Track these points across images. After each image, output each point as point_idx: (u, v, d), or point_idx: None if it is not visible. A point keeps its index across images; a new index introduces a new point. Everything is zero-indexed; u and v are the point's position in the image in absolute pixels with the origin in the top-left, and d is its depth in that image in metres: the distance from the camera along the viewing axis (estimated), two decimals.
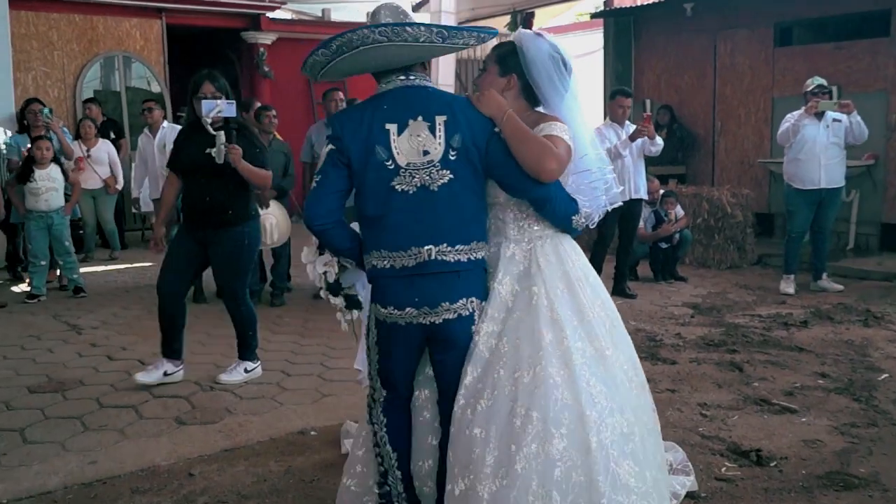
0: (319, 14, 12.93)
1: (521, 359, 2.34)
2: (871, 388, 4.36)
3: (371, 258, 2.43)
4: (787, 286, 6.86)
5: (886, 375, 4.57)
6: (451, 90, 11.55)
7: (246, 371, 4.55)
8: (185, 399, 4.27)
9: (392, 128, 2.36)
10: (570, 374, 2.31)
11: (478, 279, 2.45)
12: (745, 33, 9.06)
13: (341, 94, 6.81)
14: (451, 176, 2.36)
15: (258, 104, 7.45)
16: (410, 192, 2.35)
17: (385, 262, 2.39)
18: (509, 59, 2.55)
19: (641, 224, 7.14)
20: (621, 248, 6.80)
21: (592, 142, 2.67)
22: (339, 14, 12.87)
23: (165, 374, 4.43)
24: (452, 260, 2.37)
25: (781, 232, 8.98)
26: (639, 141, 6.35)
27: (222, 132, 4.15)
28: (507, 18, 12.24)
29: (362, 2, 12.81)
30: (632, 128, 6.41)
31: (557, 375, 2.30)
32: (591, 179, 2.60)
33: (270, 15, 12.11)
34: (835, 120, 6.57)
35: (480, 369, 2.37)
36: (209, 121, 4.15)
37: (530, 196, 2.45)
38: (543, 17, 13.20)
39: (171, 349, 4.48)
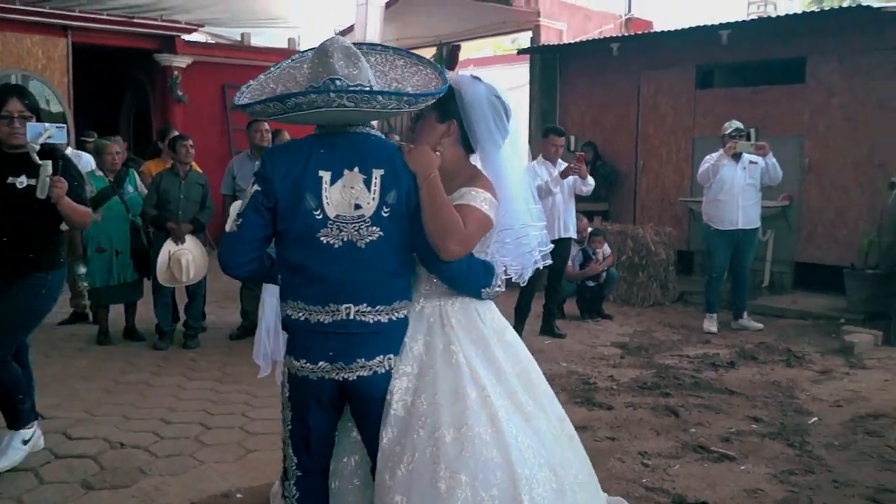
0: (238, 38, 12.55)
1: (441, 418, 2.20)
2: (803, 432, 4.38)
3: (286, 307, 2.29)
4: (711, 325, 6.97)
5: (816, 419, 4.62)
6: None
7: (24, 442, 3.71)
8: (91, 459, 3.85)
9: (326, 176, 2.21)
10: (498, 432, 2.19)
11: (398, 337, 2.33)
12: (667, 74, 9.27)
13: (267, 126, 6.52)
14: (381, 233, 2.23)
15: (175, 133, 7.10)
16: (336, 245, 2.21)
17: (300, 315, 2.26)
18: (448, 103, 2.40)
19: (570, 262, 7.11)
20: (550, 287, 6.74)
21: (525, 196, 2.55)
22: (259, 39, 12.54)
23: (24, 442, 3.71)
24: (371, 321, 2.24)
25: (701, 269, 9.16)
26: (570, 179, 6.33)
27: (49, 162, 3.47)
28: (433, 50, 12.22)
29: (283, 27, 12.57)
30: (563, 165, 6.39)
31: (486, 434, 2.18)
32: (519, 235, 2.52)
33: (186, 37, 11.69)
34: (751, 162, 6.75)
35: (396, 430, 2.22)
36: (36, 147, 3.47)
37: (434, 272, 2.35)
38: (468, 50, 13.27)
39: (14, 418, 3.72)
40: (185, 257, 5.95)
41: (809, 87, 8.16)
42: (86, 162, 6.85)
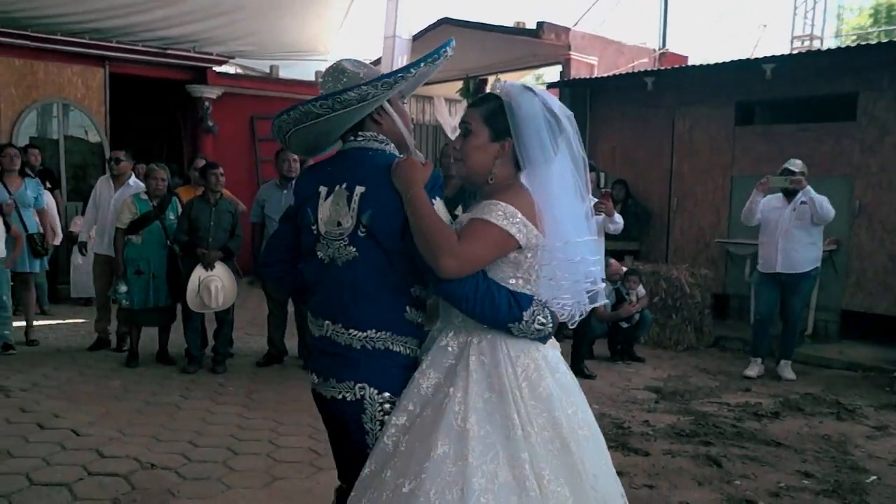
0: (267, 70, 12.52)
1: (408, 465, 1.94)
2: (861, 491, 3.94)
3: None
4: (752, 369, 6.57)
5: (875, 478, 4.16)
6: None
7: None
8: (123, 478, 3.85)
9: (323, 191, 2.19)
10: (463, 500, 1.84)
11: (378, 369, 2.11)
12: (704, 110, 8.94)
13: (294, 156, 6.34)
14: (356, 254, 2.11)
15: (203, 161, 6.96)
16: (325, 261, 2.17)
17: (310, 324, 2.29)
18: (500, 118, 2.12)
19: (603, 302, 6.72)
20: (580, 325, 6.33)
21: (577, 220, 2.14)
22: (288, 71, 12.49)
23: None
24: (343, 342, 2.13)
25: (737, 314, 8.74)
26: (598, 218, 5.98)
27: None
28: (460, 84, 12.05)
29: (311, 60, 12.51)
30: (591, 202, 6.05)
31: (446, 495, 1.84)
32: (571, 271, 2.11)
33: (217, 69, 11.68)
34: (802, 202, 6.31)
35: (377, 465, 2.03)
36: None
37: (438, 293, 2.11)
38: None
39: None
40: (214, 284, 5.91)
41: (860, 124, 7.76)
42: (135, 185, 6.78)
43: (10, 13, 9.66)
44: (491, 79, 12.06)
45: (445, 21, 11.02)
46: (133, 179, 6.88)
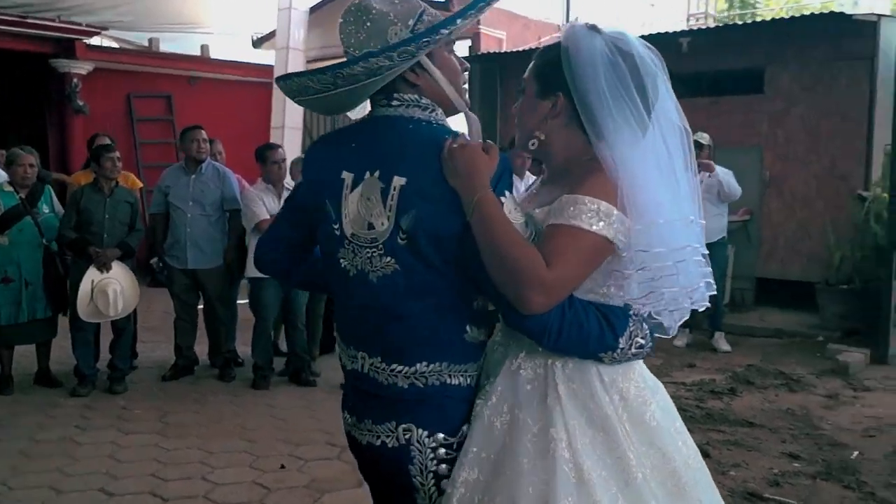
0: (146, 44, 11.45)
1: None
2: (853, 469, 3.94)
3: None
4: (680, 339, 6.69)
5: (857, 453, 4.19)
6: (298, 136, 10.53)
7: None
8: None
9: (348, 179, 1.64)
10: None
11: (432, 407, 1.63)
12: None
13: (204, 134, 5.67)
14: (396, 267, 1.58)
15: (106, 140, 6.03)
16: (351, 273, 1.64)
17: (338, 350, 1.79)
18: (552, 69, 1.65)
19: None
20: None
21: (682, 204, 1.62)
22: (170, 45, 11.48)
23: None
24: (385, 382, 1.63)
25: None
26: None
27: None
28: None
29: (196, 33, 11.56)
30: (531, 179, 5.84)
31: None
32: (673, 261, 1.60)
33: (88, 41, 10.52)
34: (709, 176, 6.37)
35: None
36: None
37: (513, 327, 1.63)
38: None
39: None
40: (111, 287, 5.05)
41: (767, 96, 7.95)
42: None
43: None
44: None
45: None
46: None
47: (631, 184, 1.58)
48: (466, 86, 1.77)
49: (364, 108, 1.78)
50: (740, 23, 8.68)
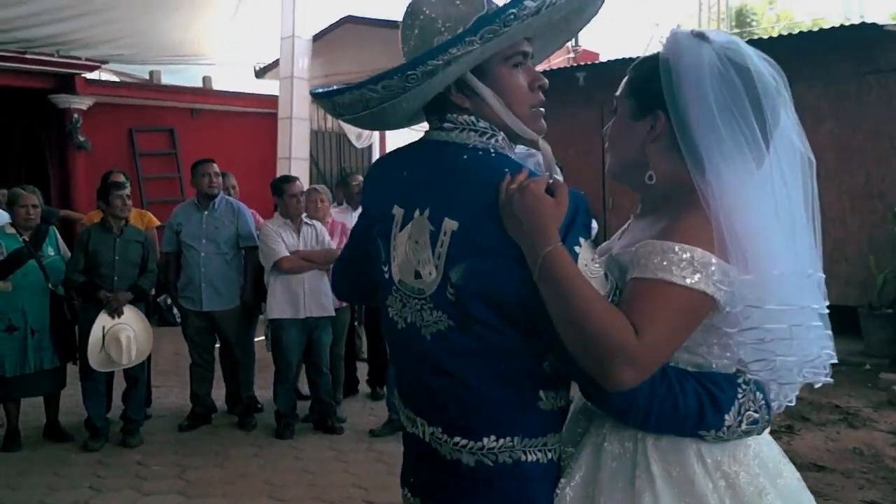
0: (147, 77, 11.20)
1: None
2: None
3: None
4: None
5: None
6: (305, 167, 10.22)
7: None
8: None
9: (398, 215, 1.41)
10: None
11: (506, 489, 1.35)
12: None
13: (216, 167, 5.35)
14: (450, 323, 1.33)
15: (121, 176, 5.69)
16: (399, 326, 1.42)
17: (398, 408, 1.55)
18: (651, 85, 1.37)
19: None
20: None
21: (800, 255, 1.38)
22: (172, 77, 11.21)
23: None
24: (447, 455, 1.38)
25: None
26: None
27: None
28: None
29: (197, 64, 11.33)
30: None
31: None
32: (786, 334, 1.34)
33: (87, 76, 10.25)
34: None
35: None
36: None
37: (594, 404, 1.38)
38: None
39: None
40: (124, 334, 4.72)
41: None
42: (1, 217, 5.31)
43: None
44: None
45: (348, 20, 10.20)
46: None
47: (741, 227, 1.29)
48: (543, 109, 1.44)
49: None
50: (762, 37, 8.40)
